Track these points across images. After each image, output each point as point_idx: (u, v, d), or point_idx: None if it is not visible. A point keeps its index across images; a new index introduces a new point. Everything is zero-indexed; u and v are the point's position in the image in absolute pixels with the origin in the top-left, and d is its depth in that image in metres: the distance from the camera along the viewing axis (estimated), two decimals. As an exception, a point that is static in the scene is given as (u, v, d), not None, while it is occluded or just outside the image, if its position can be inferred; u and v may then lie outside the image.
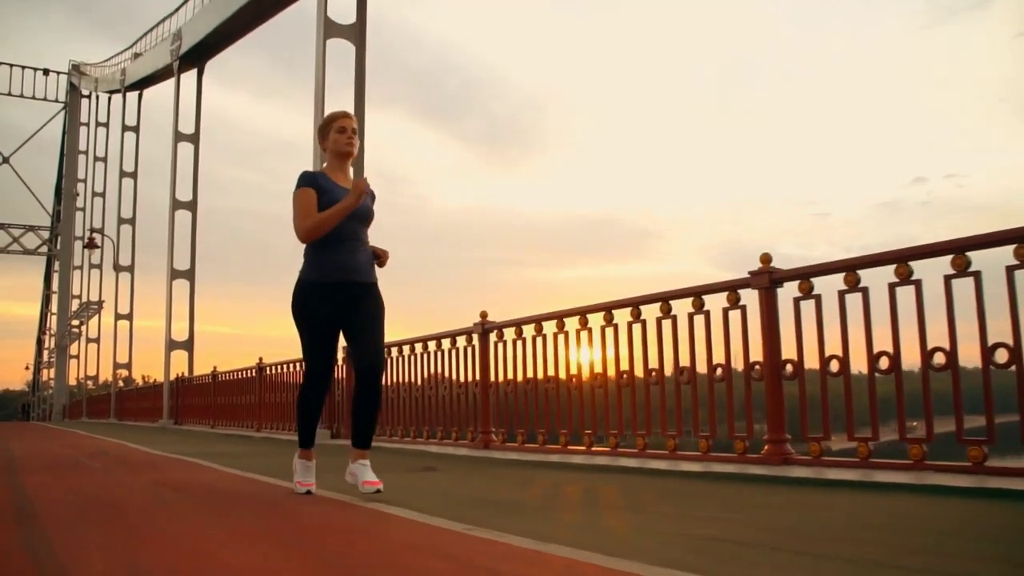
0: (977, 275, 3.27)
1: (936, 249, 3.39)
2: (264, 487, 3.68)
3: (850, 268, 3.69)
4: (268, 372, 10.96)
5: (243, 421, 11.66)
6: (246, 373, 11.76)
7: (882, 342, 3.57)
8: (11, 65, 38.12)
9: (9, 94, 37.98)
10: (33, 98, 38.36)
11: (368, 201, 3.12)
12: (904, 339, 3.50)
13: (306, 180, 3.06)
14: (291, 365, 10.16)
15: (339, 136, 3.12)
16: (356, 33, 9.41)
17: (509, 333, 5.83)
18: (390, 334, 3.34)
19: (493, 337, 6.00)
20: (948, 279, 3.34)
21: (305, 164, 9.59)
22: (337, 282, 3.03)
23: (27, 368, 46.99)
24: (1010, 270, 3.17)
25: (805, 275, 3.89)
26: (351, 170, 3.22)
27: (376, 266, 3.19)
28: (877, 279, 3.64)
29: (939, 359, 3.36)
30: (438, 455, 5.79)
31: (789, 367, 3.93)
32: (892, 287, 3.53)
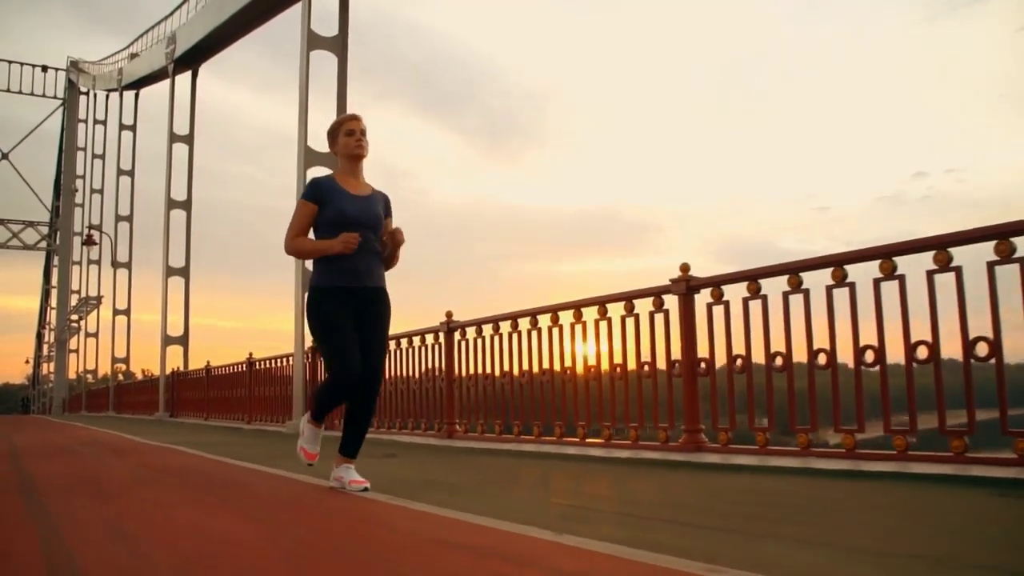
0: (852, 286, 3.76)
1: (816, 263, 3.89)
2: (231, 468, 4.19)
3: (751, 278, 4.19)
4: (257, 367, 11.48)
5: (234, 413, 12.18)
6: (237, 368, 12.28)
7: (778, 343, 4.07)
8: (10, 62, 38.38)
9: (8, 90, 38.24)
10: (32, 94, 38.61)
11: (378, 208, 3.13)
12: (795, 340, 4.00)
13: (309, 192, 3.10)
14: (279, 360, 10.67)
15: (348, 139, 3.13)
16: (339, 45, 9.89)
17: (471, 332, 6.32)
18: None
19: (457, 335, 6.49)
20: (829, 289, 3.83)
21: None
22: (351, 287, 3.03)
23: (27, 362, 47.50)
24: (877, 282, 3.67)
25: (716, 283, 4.38)
26: (363, 171, 3.21)
27: (394, 243, 3.15)
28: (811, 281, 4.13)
29: (821, 359, 3.86)
30: (407, 444, 6.29)
31: (703, 364, 4.43)
32: (785, 295, 4.02)
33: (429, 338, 6.83)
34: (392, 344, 7.27)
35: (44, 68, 39.14)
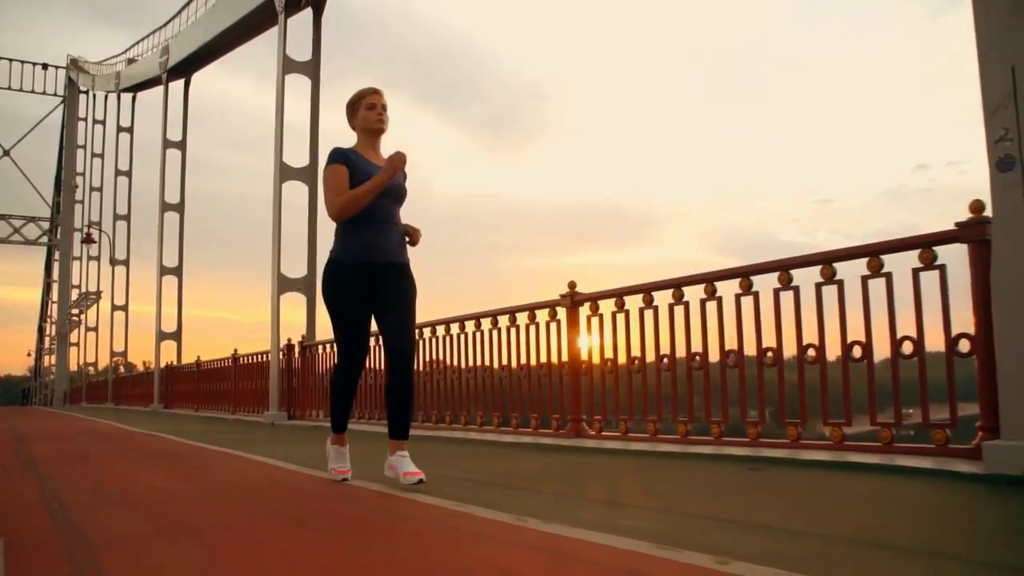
0: (686, 304, 4.71)
1: (661, 285, 4.85)
2: (196, 449, 5.17)
3: (618, 295, 5.15)
4: (242, 362, 12.45)
5: (221, 405, 13.17)
6: (223, 363, 13.27)
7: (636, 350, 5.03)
8: (11, 60, 39.16)
9: (9, 88, 38.99)
10: (32, 91, 39.34)
11: (401, 179, 3.07)
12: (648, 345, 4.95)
13: (336, 156, 2.99)
14: (261, 356, 11.62)
15: (369, 113, 3.06)
16: (312, 69, 10.85)
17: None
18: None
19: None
20: (671, 307, 4.79)
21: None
22: (369, 263, 2.95)
23: (29, 354, 48.52)
24: (671, 306, 4.62)
25: (594, 299, 5.34)
26: (382, 148, 3.13)
27: (408, 245, 3.12)
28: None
29: (665, 362, 4.82)
30: (360, 432, 7.25)
31: (584, 365, 5.40)
32: (640, 311, 4.98)
33: (381, 339, 7.78)
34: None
35: (44, 66, 39.91)
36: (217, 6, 14.62)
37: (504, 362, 6.13)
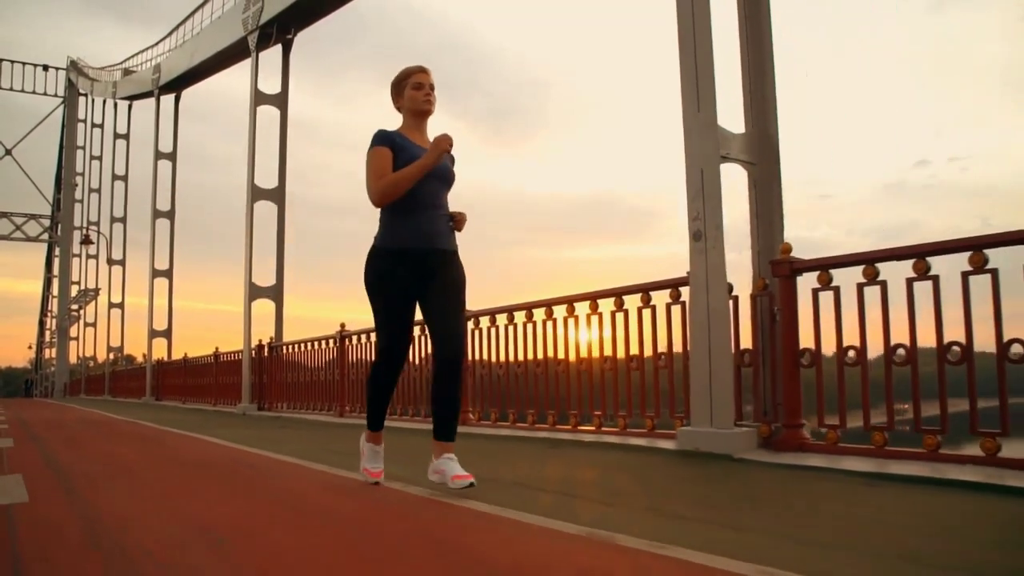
0: (554, 321, 6.16)
1: (534, 304, 6.30)
2: (163, 433, 6.66)
3: (492, 313, 6.61)
4: (222, 359, 13.92)
5: (204, 398, 14.66)
6: (206, 359, 14.75)
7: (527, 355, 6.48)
8: (12, 61, 40.48)
9: (11, 89, 40.28)
10: (33, 92, 40.63)
11: (448, 162, 2.93)
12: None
13: (380, 139, 2.86)
14: (237, 354, 13.07)
15: (415, 93, 2.93)
16: (280, 101, 12.28)
17: (355, 338, 8.75)
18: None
19: (347, 341, 8.92)
20: (524, 324, 6.24)
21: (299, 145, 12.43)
22: (416, 249, 2.83)
23: (30, 347, 50.05)
24: (561, 323, 6.07)
25: (476, 315, 6.80)
26: (428, 131, 2.98)
27: (454, 231, 2.95)
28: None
29: (537, 368, 6.27)
30: (309, 420, 8.73)
31: (469, 366, 6.86)
32: (506, 327, 6.43)
33: (331, 342, 9.26)
34: (301, 347, 9.71)
35: (45, 67, 41.26)
36: (202, 35, 16.06)
37: (417, 363, 7.60)
